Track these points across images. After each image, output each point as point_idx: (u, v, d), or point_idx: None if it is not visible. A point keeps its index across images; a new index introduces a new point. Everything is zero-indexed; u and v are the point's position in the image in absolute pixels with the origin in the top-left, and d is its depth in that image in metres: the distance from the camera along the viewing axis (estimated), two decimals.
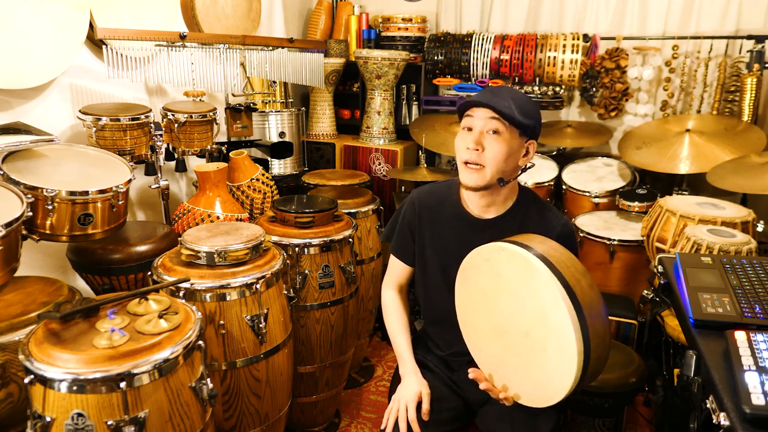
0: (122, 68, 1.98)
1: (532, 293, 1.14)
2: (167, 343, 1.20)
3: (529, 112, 1.30)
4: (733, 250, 1.71)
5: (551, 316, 1.10)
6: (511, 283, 1.19)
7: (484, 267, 1.25)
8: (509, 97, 1.29)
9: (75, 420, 1.11)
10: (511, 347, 1.21)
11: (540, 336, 1.14)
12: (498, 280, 1.22)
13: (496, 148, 1.28)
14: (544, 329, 1.12)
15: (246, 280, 1.57)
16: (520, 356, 1.19)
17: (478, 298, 1.29)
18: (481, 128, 1.29)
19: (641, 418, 2.23)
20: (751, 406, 0.85)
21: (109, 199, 1.67)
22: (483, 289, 1.27)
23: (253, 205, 2.34)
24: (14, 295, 1.44)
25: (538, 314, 1.13)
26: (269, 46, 2.45)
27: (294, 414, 2.12)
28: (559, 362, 1.10)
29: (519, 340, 1.18)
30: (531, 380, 1.19)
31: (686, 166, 2.53)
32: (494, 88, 1.35)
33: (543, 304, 1.11)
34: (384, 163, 3.05)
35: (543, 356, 1.13)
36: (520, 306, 1.18)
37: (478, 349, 1.33)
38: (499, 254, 1.21)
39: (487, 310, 1.26)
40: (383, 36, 3.28)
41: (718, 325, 1.10)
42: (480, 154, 1.29)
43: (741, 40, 2.71)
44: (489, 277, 1.24)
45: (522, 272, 1.16)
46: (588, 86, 3.01)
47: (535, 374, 1.17)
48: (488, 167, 1.29)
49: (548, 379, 1.13)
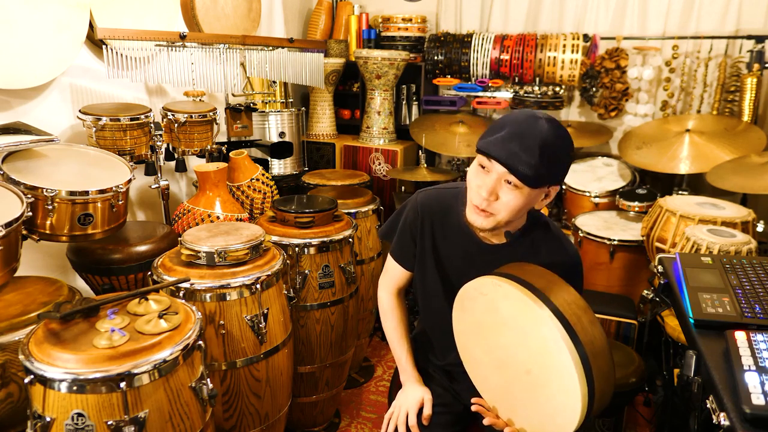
0: (122, 68, 1.98)
1: (531, 332, 1.09)
2: (167, 343, 1.20)
3: (559, 161, 1.14)
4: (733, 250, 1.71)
5: (552, 356, 1.06)
6: (510, 320, 1.14)
7: (481, 300, 1.20)
8: (538, 146, 1.08)
9: (75, 420, 1.11)
10: (513, 382, 1.17)
11: (542, 375, 1.10)
12: (496, 315, 1.17)
13: (512, 200, 1.14)
14: (545, 368, 1.09)
15: (246, 280, 1.57)
16: (524, 392, 1.15)
17: (476, 330, 1.24)
18: (499, 177, 1.14)
19: (641, 418, 2.23)
20: (751, 406, 0.85)
21: (109, 199, 1.67)
22: (481, 322, 1.22)
23: (253, 205, 2.34)
24: (14, 295, 1.44)
25: (538, 353, 1.09)
26: (269, 46, 2.45)
27: (294, 414, 2.11)
28: (563, 402, 1.06)
29: (521, 376, 1.15)
30: (536, 416, 1.15)
31: (686, 166, 2.53)
32: (522, 130, 1.11)
33: (543, 344, 1.07)
34: (384, 163, 3.05)
35: (546, 394, 1.10)
36: (520, 343, 1.13)
37: (481, 378, 1.28)
38: (496, 290, 1.15)
39: (487, 343, 1.22)
40: (383, 36, 3.28)
41: (718, 325, 1.10)
42: (492, 203, 1.16)
43: (741, 40, 2.71)
44: (487, 311, 1.19)
45: (520, 310, 1.10)
46: (588, 86, 3.01)
47: (539, 411, 1.13)
48: (499, 215, 1.18)
49: (553, 417, 1.10)
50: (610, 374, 1.08)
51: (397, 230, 1.45)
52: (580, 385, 1.02)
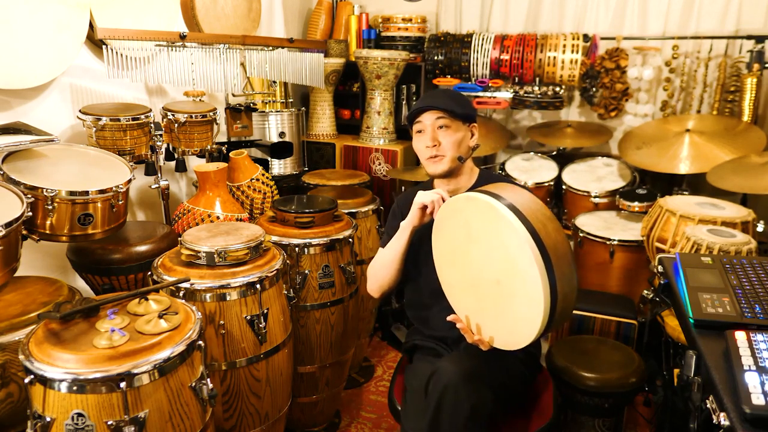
0: (122, 68, 1.98)
1: (500, 241, 1.17)
2: (167, 343, 1.20)
3: (463, 104, 1.55)
4: (733, 250, 1.71)
5: (517, 261, 1.13)
6: (481, 232, 1.23)
7: (455, 218, 1.31)
8: (444, 95, 1.57)
9: (75, 420, 1.11)
10: (484, 296, 1.26)
11: (509, 283, 1.18)
12: (468, 229, 1.26)
13: (449, 138, 1.52)
14: (512, 276, 1.16)
15: (246, 280, 1.58)
16: (494, 303, 1.24)
17: (451, 249, 1.35)
18: (432, 126, 1.52)
19: (641, 418, 2.23)
20: (751, 406, 0.85)
21: (109, 199, 1.67)
22: (455, 240, 1.32)
23: (253, 205, 2.34)
24: (14, 295, 1.44)
25: (506, 261, 1.17)
26: (269, 46, 2.45)
27: (294, 414, 2.12)
28: (528, 305, 1.13)
29: (491, 288, 1.23)
30: (504, 325, 1.23)
31: (686, 166, 2.53)
32: (429, 93, 1.59)
33: (510, 251, 1.15)
34: (384, 163, 3.05)
35: (513, 302, 1.18)
36: (490, 254, 1.22)
37: (456, 298, 1.38)
38: (467, 204, 1.26)
39: (461, 261, 1.31)
40: (383, 36, 3.28)
41: (718, 325, 1.10)
42: (438, 148, 1.52)
43: (741, 40, 2.70)
44: (460, 227, 1.29)
45: (490, 220, 1.19)
46: (588, 86, 3.01)
47: (507, 319, 1.21)
48: (447, 154, 1.52)
49: (519, 323, 1.18)
50: (572, 278, 1.15)
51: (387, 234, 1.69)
52: (542, 287, 1.09)
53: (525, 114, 3.34)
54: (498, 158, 3.37)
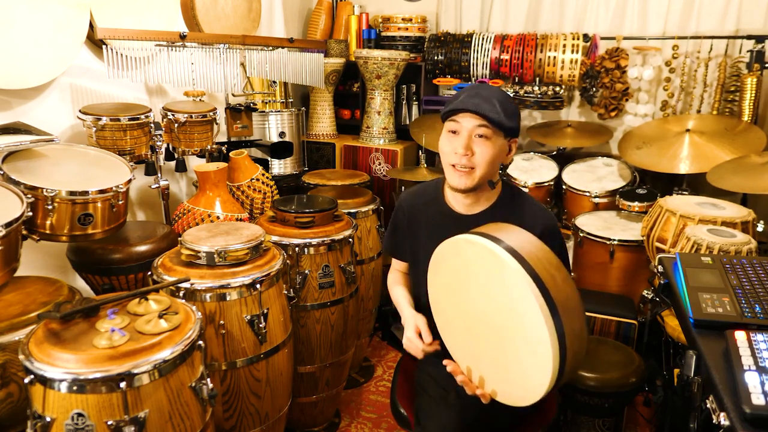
0: (122, 68, 1.98)
1: (502, 289, 1.07)
2: (167, 343, 1.20)
3: (512, 113, 1.31)
4: (733, 250, 1.71)
5: (524, 314, 1.03)
6: (481, 278, 1.13)
7: (453, 260, 1.20)
8: (495, 99, 1.28)
9: (75, 420, 1.11)
10: (485, 343, 1.15)
11: (513, 333, 1.07)
12: (468, 273, 1.16)
13: (486, 151, 1.29)
14: (517, 327, 1.06)
15: (246, 280, 1.58)
16: (496, 352, 1.13)
17: (449, 292, 1.23)
18: (470, 132, 1.29)
19: (641, 418, 2.23)
20: (751, 406, 0.85)
21: (109, 199, 1.67)
22: (453, 283, 1.21)
23: (253, 205, 2.34)
24: (14, 295, 1.44)
25: (510, 310, 1.07)
26: (269, 46, 2.45)
27: (294, 414, 2.11)
28: (534, 362, 1.03)
29: (493, 335, 1.13)
30: (507, 378, 1.13)
31: (686, 166, 2.53)
32: (478, 90, 1.31)
33: (514, 301, 1.05)
34: (384, 163, 3.05)
35: (518, 354, 1.07)
36: (491, 301, 1.11)
37: (454, 343, 1.28)
38: (467, 247, 1.15)
39: (459, 304, 1.21)
40: (383, 36, 3.28)
41: (718, 325, 1.09)
42: (470, 158, 1.29)
43: (741, 40, 2.70)
44: (459, 270, 1.18)
45: (491, 267, 1.09)
46: (588, 86, 3.01)
47: (510, 372, 1.11)
48: (478, 169, 1.31)
49: (524, 379, 1.08)
50: (582, 334, 1.06)
51: (389, 230, 1.59)
52: (551, 346, 0.98)
53: (525, 114, 3.34)
54: None
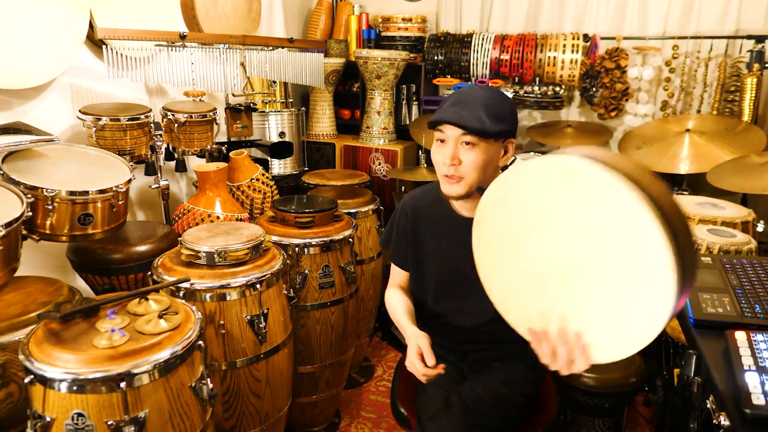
0: (122, 68, 1.98)
1: (588, 208, 0.87)
2: (167, 343, 1.20)
3: (502, 116, 1.25)
4: (733, 250, 1.71)
5: (624, 229, 0.84)
6: (556, 206, 0.91)
7: (511, 197, 0.98)
8: (480, 104, 1.23)
9: (75, 420, 1.11)
10: (566, 292, 0.94)
11: (609, 263, 0.88)
12: (535, 207, 0.93)
13: (473, 159, 1.26)
14: (614, 253, 0.86)
15: (246, 280, 1.57)
16: (584, 299, 0.92)
17: (505, 241, 1.01)
18: (455, 141, 1.26)
19: (641, 418, 2.23)
20: (751, 406, 0.85)
21: (109, 199, 1.67)
22: (513, 226, 0.99)
23: (253, 205, 2.34)
24: (14, 295, 1.44)
25: (601, 235, 0.87)
26: (269, 46, 2.45)
27: (294, 414, 2.11)
28: (648, 280, 0.83)
29: (577, 278, 0.92)
30: (608, 326, 0.90)
31: (686, 166, 2.53)
32: (462, 96, 1.27)
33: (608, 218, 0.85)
34: (384, 163, 3.05)
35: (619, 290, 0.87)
36: (574, 233, 0.90)
37: (522, 315, 1.04)
38: (530, 174, 0.93)
39: (523, 252, 0.98)
40: (383, 36, 3.28)
41: (718, 325, 1.10)
42: (457, 167, 1.27)
43: (741, 40, 2.70)
44: (520, 208, 0.96)
45: (564, 185, 0.89)
46: (588, 86, 3.01)
47: (607, 318, 0.90)
48: (467, 177, 1.28)
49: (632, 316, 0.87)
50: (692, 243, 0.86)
51: (393, 235, 1.55)
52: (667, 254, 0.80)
53: (525, 114, 3.34)
54: None
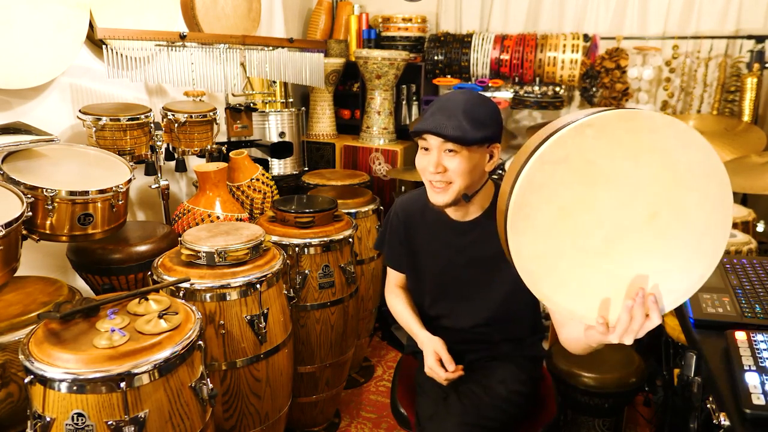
0: (122, 68, 1.98)
1: (648, 151, 0.88)
2: (167, 343, 1.20)
3: (484, 122, 1.24)
4: (733, 250, 1.71)
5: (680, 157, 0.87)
6: (612, 163, 0.90)
7: (559, 176, 0.92)
8: (460, 111, 1.23)
9: (75, 420, 1.11)
10: (637, 253, 0.93)
11: (674, 201, 0.89)
12: (589, 173, 0.90)
13: (458, 166, 1.26)
14: (678, 193, 0.89)
15: (246, 280, 1.57)
16: (655, 250, 0.92)
17: (559, 224, 0.94)
18: (439, 149, 1.26)
19: (641, 418, 2.23)
20: (751, 406, 0.85)
21: (109, 199, 1.67)
22: (567, 205, 0.93)
23: (253, 205, 2.34)
24: (14, 295, 1.44)
25: (663, 174, 0.88)
26: (269, 46, 2.45)
27: (294, 414, 2.11)
28: (712, 209, 0.88)
29: (643, 233, 0.92)
30: (679, 261, 0.92)
31: None
32: (444, 103, 1.27)
33: (665, 155, 0.87)
34: (384, 163, 3.05)
35: (688, 226, 0.90)
36: (634, 186, 0.90)
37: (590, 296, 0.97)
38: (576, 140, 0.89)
39: (582, 231, 0.93)
40: (383, 36, 3.28)
41: (718, 325, 1.10)
42: (443, 175, 1.27)
43: (741, 40, 2.70)
44: (572, 181, 0.92)
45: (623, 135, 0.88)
46: (588, 86, 3.01)
47: (677, 258, 0.92)
48: (453, 184, 1.28)
49: (698, 244, 0.90)
50: None
51: (386, 238, 1.58)
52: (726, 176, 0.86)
53: (525, 114, 3.34)
54: None
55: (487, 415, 1.33)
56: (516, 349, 1.47)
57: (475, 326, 1.44)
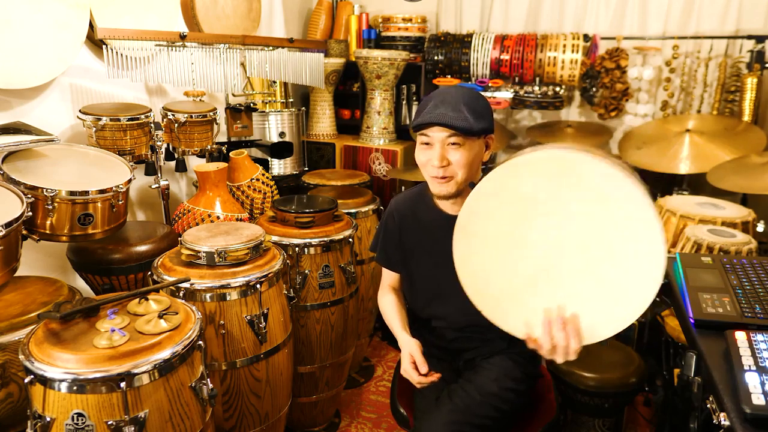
0: (122, 68, 1.98)
1: (576, 191, 0.93)
2: (167, 343, 1.20)
3: (482, 114, 1.30)
4: (734, 250, 1.71)
5: (610, 201, 0.91)
6: (543, 199, 0.97)
7: (492, 206, 1.02)
8: (462, 103, 1.27)
9: (75, 420, 1.11)
10: (564, 280, 0.99)
11: (604, 238, 0.94)
12: (520, 206, 0.99)
13: (461, 158, 1.28)
14: (604, 226, 0.93)
15: (246, 280, 1.58)
16: (583, 280, 0.98)
17: (494, 250, 1.04)
18: (442, 142, 1.28)
19: (641, 418, 2.23)
20: (751, 406, 0.85)
21: (109, 199, 1.67)
22: (499, 233, 1.02)
23: (253, 205, 2.34)
24: (14, 295, 1.44)
25: (592, 214, 0.93)
26: (269, 46, 2.45)
27: (294, 414, 2.12)
28: (642, 251, 0.92)
29: (573, 263, 0.97)
30: (604, 302, 0.97)
31: (686, 166, 2.53)
32: (444, 96, 1.30)
33: (593, 196, 0.92)
34: (384, 163, 3.05)
35: (615, 260, 0.94)
36: (563, 220, 0.96)
37: (519, 314, 1.06)
38: (510, 177, 0.99)
39: (514, 256, 1.02)
40: (383, 36, 3.28)
41: (718, 325, 1.10)
42: (447, 168, 1.29)
43: (741, 40, 2.70)
44: (504, 212, 1.00)
45: (554, 175, 0.94)
46: (588, 86, 3.01)
47: (608, 291, 0.96)
48: (456, 177, 1.31)
49: (630, 284, 0.94)
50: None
51: (380, 239, 1.57)
52: (655, 216, 0.90)
53: (525, 114, 3.34)
54: (498, 158, 3.37)
55: (477, 413, 1.33)
56: (512, 346, 1.47)
57: (471, 324, 1.45)
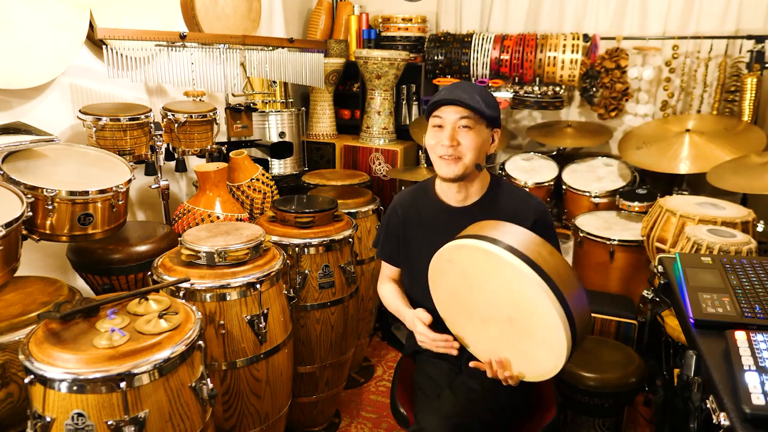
0: (122, 68, 1.97)
1: (499, 279, 1.17)
2: (167, 343, 1.20)
3: (492, 105, 1.40)
4: (733, 250, 1.71)
5: (525, 295, 1.13)
6: (479, 275, 1.22)
7: (449, 268, 1.28)
8: (476, 91, 1.38)
9: (75, 420, 1.11)
10: (500, 335, 1.25)
11: (522, 318, 1.17)
12: (466, 277, 1.25)
13: (471, 139, 1.37)
14: (523, 311, 1.16)
15: (246, 280, 1.58)
16: (512, 341, 1.23)
17: (453, 298, 1.32)
18: (453, 124, 1.37)
19: (641, 418, 2.23)
20: (751, 406, 0.85)
21: (109, 199, 1.67)
22: (455, 289, 1.29)
23: (253, 205, 2.34)
24: (14, 295, 1.44)
25: (513, 299, 1.17)
26: (269, 46, 2.45)
27: (294, 414, 2.12)
28: (548, 336, 1.13)
29: (505, 327, 1.22)
30: (528, 359, 1.22)
31: (686, 166, 2.53)
32: (458, 84, 1.41)
33: (513, 286, 1.14)
34: (384, 163, 3.05)
35: (532, 336, 1.17)
36: (495, 296, 1.20)
37: (473, 343, 1.36)
38: (458, 253, 1.24)
39: (467, 307, 1.29)
40: (383, 36, 3.28)
41: (718, 325, 1.10)
42: (456, 148, 1.37)
43: (741, 40, 2.70)
44: (457, 276, 1.27)
45: (485, 264, 1.19)
46: (588, 86, 3.01)
47: (530, 353, 1.20)
48: (464, 158, 1.38)
49: (543, 355, 1.17)
50: (582, 297, 1.15)
51: (383, 235, 1.62)
52: (558, 316, 1.08)
53: (525, 114, 3.34)
54: (498, 158, 3.37)
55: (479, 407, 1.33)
56: None
57: None
